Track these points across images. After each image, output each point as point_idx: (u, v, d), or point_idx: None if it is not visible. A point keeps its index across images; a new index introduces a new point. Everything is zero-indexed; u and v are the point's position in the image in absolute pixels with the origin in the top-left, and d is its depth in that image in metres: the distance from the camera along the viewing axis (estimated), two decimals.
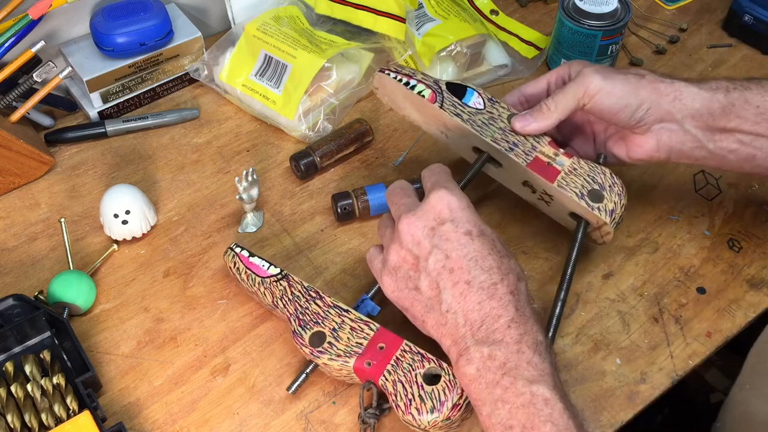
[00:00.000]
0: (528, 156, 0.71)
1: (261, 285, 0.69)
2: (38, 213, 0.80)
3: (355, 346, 0.64)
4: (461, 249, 0.59)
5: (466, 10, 0.96)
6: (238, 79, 0.88)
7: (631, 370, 0.69)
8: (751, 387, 0.74)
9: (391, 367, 0.62)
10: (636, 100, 0.68)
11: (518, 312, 0.58)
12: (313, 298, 0.67)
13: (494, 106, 0.73)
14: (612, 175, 0.71)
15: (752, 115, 0.67)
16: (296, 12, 0.92)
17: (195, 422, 0.66)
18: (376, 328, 0.65)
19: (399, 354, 0.63)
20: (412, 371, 0.62)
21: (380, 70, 0.76)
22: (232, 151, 0.87)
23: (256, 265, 0.70)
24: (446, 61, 0.90)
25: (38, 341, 0.68)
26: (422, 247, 0.60)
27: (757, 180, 0.83)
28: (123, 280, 0.75)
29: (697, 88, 0.68)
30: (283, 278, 0.69)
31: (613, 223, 0.69)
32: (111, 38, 0.84)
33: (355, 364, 0.63)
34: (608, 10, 0.89)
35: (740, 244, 0.78)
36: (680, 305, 0.73)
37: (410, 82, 0.74)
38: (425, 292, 0.61)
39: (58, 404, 0.62)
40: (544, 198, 0.73)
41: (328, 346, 0.64)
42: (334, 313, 0.66)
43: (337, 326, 0.65)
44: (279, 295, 0.68)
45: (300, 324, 0.66)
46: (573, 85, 0.70)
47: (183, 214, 0.81)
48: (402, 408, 0.61)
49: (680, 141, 0.69)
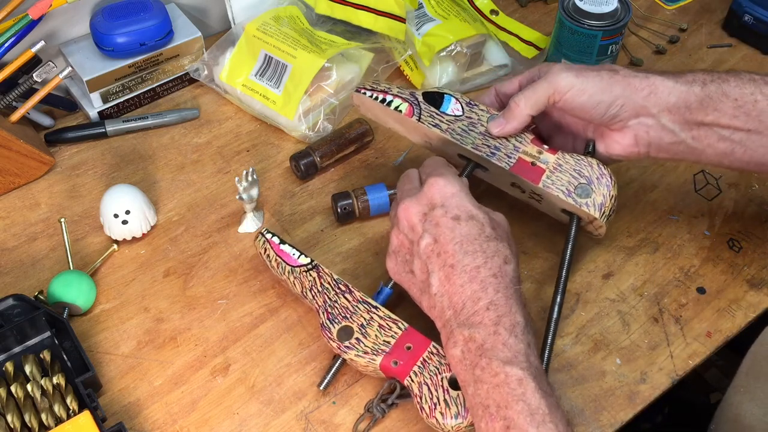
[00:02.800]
0: (510, 159, 0.70)
1: (291, 274, 0.69)
2: (38, 213, 0.80)
3: (383, 345, 0.64)
4: (449, 233, 0.61)
5: (466, 10, 0.96)
6: (238, 79, 0.88)
7: (631, 370, 0.69)
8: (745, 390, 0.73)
9: (417, 369, 0.62)
10: (609, 96, 0.68)
11: (498, 294, 0.59)
12: (342, 291, 0.67)
13: (473, 110, 0.73)
14: (599, 165, 0.70)
15: (730, 109, 0.66)
16: (296, 12, 0.92)
17: (195, 422, 0.66)
18: (404, 327, 0.65)
19: (426, 356, 0.63)
20: (439, 374, 0.62)
21: (356, 89, 0.76)
22: (232, 151, 0.87)
23: (286, 253, 0.70)
24: (446, 61, 0.90)
25: (38, 341, 0.68)
26: (415, 232, 0.63)
27: (757, 180, 0.83)
28: (123, 280, 0.75)
29: (673, 81, 0.68)
30: (313, 269, 0.69)
31: (603, 217, 0.69)
32: (111, 38, 0.84)
33: (381, 362, 0.63)
34: (608, 10, 0.89)
35: (740, 244, 0.78)
36: (680, 305, 0.73)
37: (386, 99, 0.74)
38: (418, 275, 0.63)
39: (58, 404, 0.62)
40: (534, 197, 0.73)
41: (356, 342, 0.64)
42: (363, 308, 0.66)
43: (366, 322, 0.65)
44: (308, 286, 0.68)
45: (328, 317, 0.66)
46: (542, 82, 0.69)
47: (183, 214, 0.81)
48: (426, 411, 0.61)
49: (657, 136, 0.69)
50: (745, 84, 0.67)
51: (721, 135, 0.67)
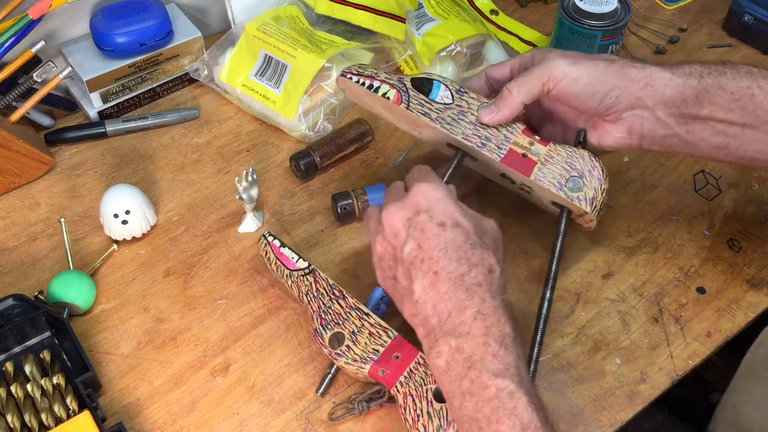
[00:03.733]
0: (501, 150, 0.68)
1: (289, 278, 0.69)
2: (38, 213, 0.80)
3: (372, 353, 0.64)
4: (433, 239, 0.59)
5: (466, 10, 0.96)
6: (238, 79, 0.88)
7: (631, 370, 0.69)
8: (743, 392, 0.73)
9: (404, 379, 0.62)
10: (604, 86, 0.66)
11: (485, 304, 0.57)
12: (336, 297, 0.67)
13: (463, 97, 0.71)
14: (591, 157, 0.68)
15: (726, 102, 0.65)
16: (296, 12, 0.92)
17: (195, 422, 0.66)
18: (393, 336, 0.65)
19: (413, 366, 0.63)
20: (424, 386, 0.61)
21: (341, 73, 0.73)
22: (232, 151, 0.87)
23: (285, 257, 0.70)
24: (446, 61, 0.90)
25: (38, 341, 0.68)
26: (399, 238, 0.61)
27: (757, 180, 0.83)
28: (123, 280, 0.75)
29: (669, 73, 0.66)
30: (309, 273, 0.69)
31: (594, 212, 0.67)
32: (111, 38, 0.84)
33: (370, 370, 0.63)
34: (608, 10, 0.89)
35: (740, 244, 0.78)
36: (680, 305, 0.73)
37: (373, 84, 0.71)
38: (401, 281, 0.61)
39: (58, 404, 0.62)
40: (524, 188, 0.71)
41: (346, 350, 0.64)
42: (355, 315, 0.66)
43: (357, 329, 0.65)
44: (305, 290, 0.68)
45: (322, 323, 0.66)
46: (537, 69, 0.67)
47: (183, 214, 0.81)
48: (410, 422, 0.61)
49: (652, 128, 0.67)
50: (742, 77, 0.66)
51: (716, 129, 0.66)
